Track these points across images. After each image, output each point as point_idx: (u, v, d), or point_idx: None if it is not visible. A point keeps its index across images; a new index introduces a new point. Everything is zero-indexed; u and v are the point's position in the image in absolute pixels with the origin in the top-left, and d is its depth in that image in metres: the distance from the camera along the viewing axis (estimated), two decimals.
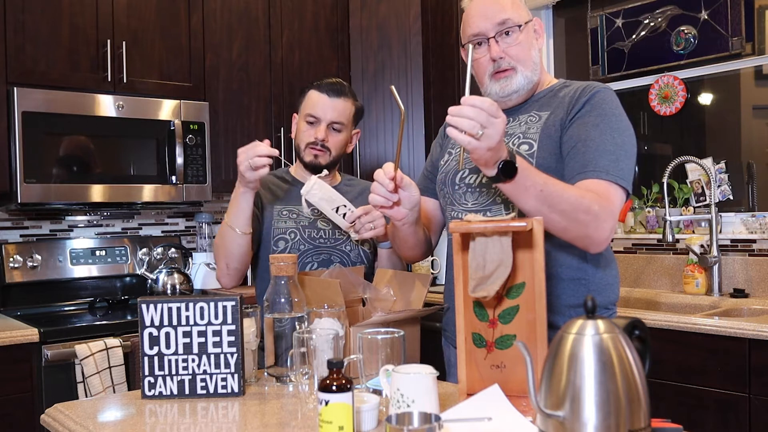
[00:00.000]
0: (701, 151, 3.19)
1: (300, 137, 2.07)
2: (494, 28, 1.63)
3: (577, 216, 1.44)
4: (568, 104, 1.61)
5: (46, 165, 2.83)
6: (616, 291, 1.68)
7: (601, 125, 1.54)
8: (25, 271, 3.05)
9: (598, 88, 1.62)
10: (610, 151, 1.51)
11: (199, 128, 3.20)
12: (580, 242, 1.51)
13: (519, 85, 1.65)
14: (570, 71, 3.70)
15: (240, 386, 1.53)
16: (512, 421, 1.23)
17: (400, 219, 1.64)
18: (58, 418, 1.45)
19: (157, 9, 3.18)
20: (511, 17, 1.63)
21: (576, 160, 1.53)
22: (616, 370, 0.99)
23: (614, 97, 1.62)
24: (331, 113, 2.03)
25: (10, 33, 2.81)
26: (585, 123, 1.56)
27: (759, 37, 3.01)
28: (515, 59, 1.64)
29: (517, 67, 1.64)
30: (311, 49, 3.67)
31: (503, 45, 1.64)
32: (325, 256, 2.01)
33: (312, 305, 1.65)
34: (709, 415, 2.31)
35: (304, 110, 2.06)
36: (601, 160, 1.50)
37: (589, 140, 1.53)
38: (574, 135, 1.55)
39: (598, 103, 1.58)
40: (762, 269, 2.84)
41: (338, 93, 2.03)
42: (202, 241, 3.64)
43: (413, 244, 1.78)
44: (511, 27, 1.63)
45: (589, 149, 1.52)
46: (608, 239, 1.51)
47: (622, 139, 1.54)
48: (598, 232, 1.47)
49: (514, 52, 1.64)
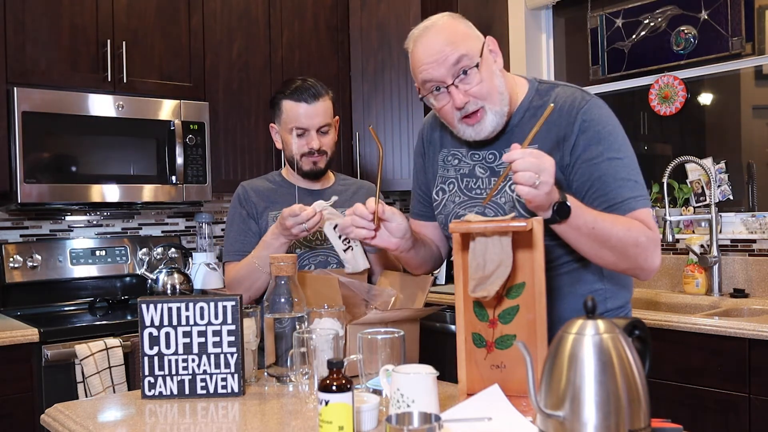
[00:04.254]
0: (701, 151, 3.19)
1: (291, 149, 2.03)
2: (450, 72, 1.49)
3: (626, 250, 1.43)
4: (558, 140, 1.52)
5: (46, 165, 2.82)
6: (630, 289, 1.67)
7: (605, 153, 1.49)
8: (25, 271, 3.05)
9: (582, 106, 1.51)
10: (625, 178, 1.48)
11: (199, 128, 3.20)
12: (631, 272, 1.51)
13: (492, 124, 1.53)
14: (570, 71, 3.70)
15: (240, 386, 1.53)
16: (512, 421, 1.23)
17: (393, 249, 1.64)
18: (58, 418, 1.45)
19: (157, 9, 3.18)
20: (465, 53, 1.48)
21: (598, 201, 1.48)
22: (616, 370, 0.99)
23: (600, 106, 1.54)
24: (317, 119, 2.00)
25: (10, 33, 2.81)
26: (590, 158, 1.49)
27: (759, 37, 3.01)
28: (481, 98, 1.50)
29: (486, 106, 1.51)
30: (311, 49, 3.67)
31: (464, 87, 1.50)
32: (322, 257, 2.01)
33: (312, 305, 1.65)
34: (709, 415, 2.31)
35: (286, 123, 2.02)
36: (623, 191, 1.47)
37: (603, 176, 1.48)
38: (585, 175, 1.50)
39: (592, 128, 1.50)
40: (762, 269, 2.84)
41: (315, 97, 1.99)
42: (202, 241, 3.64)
43: (418, 264, 1.77)
44: (467, 66, 1.48)
45: (607, 186, 1.48)
46: (658, 267, 1.50)
47: (627, 158, 1.51)
48: (648, 262, 1.46)
49: (478, 91, 1.50)
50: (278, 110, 2.04)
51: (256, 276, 1.92)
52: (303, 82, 2.03)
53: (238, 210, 2.07)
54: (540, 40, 3.74)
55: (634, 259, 1.45)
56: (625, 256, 1.44)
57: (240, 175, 3.35)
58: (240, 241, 2.03)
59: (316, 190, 2.10)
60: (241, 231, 2.04)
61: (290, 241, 1.89)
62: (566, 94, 1.56)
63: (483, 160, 1.62)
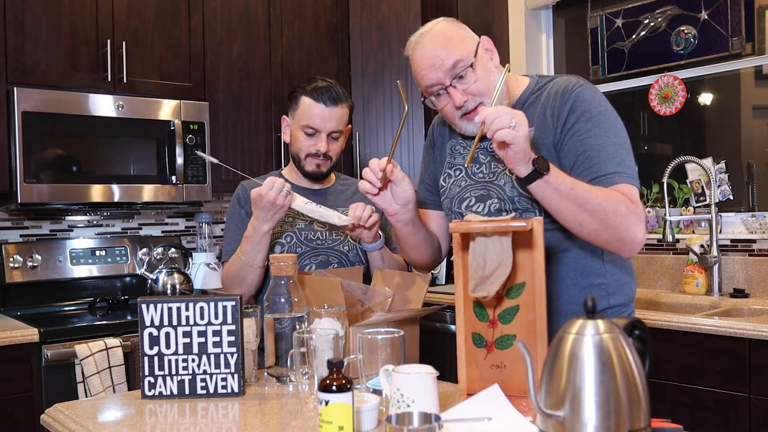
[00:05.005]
0: (701, 151, 3.19)
1: (298, 146, 2.03)
2: (447, 75, 1.58)
3: (606, 216, 1.43)
4: (551, 119, 1.57)
5: (46, 165, 2.82)
6: (633, 287, 1.67)
7: (593, 129, 1.52)
8: (25, 271, 3.05)
9: (575, 90, 1.57)
10: (612, 154, 1.51)
11: (199, 128, 3.20)
12: (613, 245, 1.50)
13: None
14: (570, 71, 3.70)
15: (240, 386, 1.53)
16: (512, 421, 1.23)
17: (392, 214, 1.67)
18: (58, 418, 1.45)
19: (157, 9, 3.18)
20: (460, 57, 1.57)
21: (582, 174, 1.51)
22: (616, 370, 0.99)
23: (593, 91, 1.59)
24: (331, 124, 1.99)
25: (10, 33, 2.81)
26: (577, 133, 1.54)
27: (759, 37, 3.01)
28: (479, 95, 1.59)
29: (484, 102, 1.59)
30: (311, 49, 3.67)
31: (462, 87, 1.58)
32: (323, 257, 2.01)
33: (312, 305, 1.65)
34: (709, 415, 2.31)
35: (300, 120, 2.01)
36: (608, 166, 1.50)
37: (588, 150, 1.52)
38: (572, 150, 1.54)
39: (582, 107, 1.55)
40: (762, 269, 2.84)
41: (335, 101, 1.98)
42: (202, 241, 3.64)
43: (414, 245, 1.77)
44: (463, 67, 1.57)
45: (591, 159, 1.51)
46: (642, 241, 1.49)
47: (617, 137, 1.53)
48: (629, 234, 1.46)
49: (475, 89, 1.58)
50: (295, 104, 2.02)
51: (246, 271, 1.92)
52: (327, 83, 2.01)
53: (237, 210, 2.08)
54: (540, 40, 3.74)
55: (615, 229, 1.44)
56: (606, 224, 1.44)
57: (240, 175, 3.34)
58: (237, 242, 2.03)
59: (317, 190, 2.10)
60: (239, 231, 2.04)
61: (270, 228, 1.86)
62: (563, 80, 1.64)
63: (486, 149, 1.67)
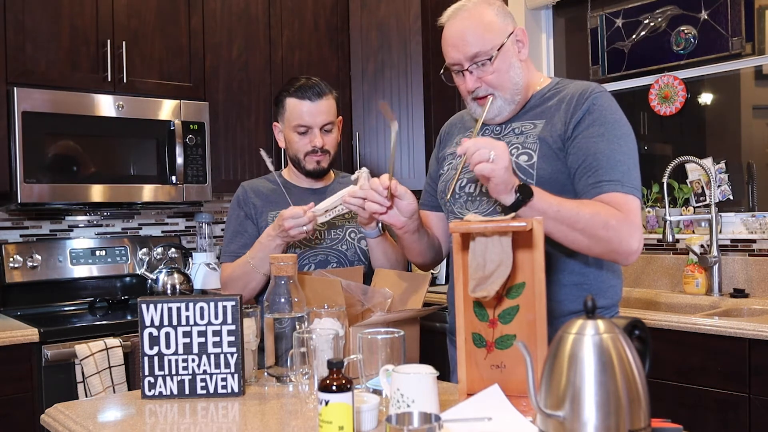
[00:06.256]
0: (701, 151, 3.19)
1: (295, 148, 2.04)
2: (467, 60, 1.61)
3: (596, 232, 1.45)
4: (565, 114, 1.60)
5: (46, 165, 2.83)
6: (618, 292, 1.68)
7: (606, 135, 1.54)
8: (25, 271, 3.05)
9: (594, 93, 1.59)
10: (620, 162, 1.52)
11: (199, 128, 3.20)
12: (608, 257, 1.53)
13: (499, 109, 1.65)
14: (570, 71, 3.70)
15: (240, 386, 1.53)
16: (512, 421, 1.23)
17: (399, 227, 1.69)
18: (58, 418, 1.45)
19: (157, 9, 3.18)
20: (483, 48, 1.59)
21: (588, 176, 1.53)
22: (616, 370, 0.99)
23: (611, 99, 1.61)
24: (320, 117, 2.00)
25: (10, 33, 2.81)
26: (590, 135, 1.55)
27: (759, 37, 3.01)
28: (491, 86, 1.62)
29: (495, 93, 1.63)
30: (311, 49, 3.67)
31: (478, 73, 1.62)
32: (322, 257, 2.01)
33: (312, 305, 1.65)
34: (709, 415, 2.31)
35: (290, 121, 2.02)
36: (614, 173, 1.51)
37: (599, 153, 1.53)
38: (582, 149, 1.55)
39: (599, 111, 1.57)
40: (762, 269, 2.84)
41: (319, 95, 2.00)
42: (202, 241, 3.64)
43: (420, 251, 1.81)
44: (482, 59, 1.60)
45: (599, 162, 1.52)
46: (637, 251, 1.51)
47: (628, 147, 1.55)
48: (622, 245, 1.48)
49: (490, 80, 1.62)
50: (282, 108, 2.04)
51: (251, 277, 1.93)
52: (307, 80, 2.03)
53: (236, 211, 2.08)
54: (540, 40, 3.74)
55: (608, 242, 1.47)
56: (596, 239, 1.46)
57: (240, 175, 3.35)
58: (235, 243, 2.04)
59: (317, 189, 2.10)
60: (237, 233, 2.05)
61: (286, 243, 1.89)
62: (584, 83, 1.66)
63: (491, 133, 1.71)
